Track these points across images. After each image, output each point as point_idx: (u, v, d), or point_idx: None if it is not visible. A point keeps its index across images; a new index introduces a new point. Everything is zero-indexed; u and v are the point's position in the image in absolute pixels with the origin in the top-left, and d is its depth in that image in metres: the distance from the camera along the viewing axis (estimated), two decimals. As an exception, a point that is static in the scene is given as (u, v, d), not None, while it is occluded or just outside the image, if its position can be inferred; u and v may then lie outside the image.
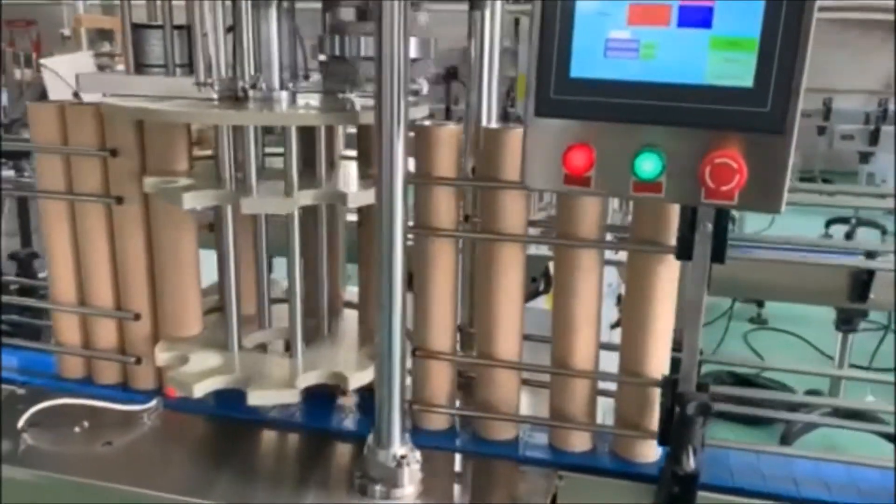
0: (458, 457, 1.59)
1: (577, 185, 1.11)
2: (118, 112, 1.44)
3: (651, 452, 1.53)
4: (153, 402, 1.71)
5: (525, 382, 1.66)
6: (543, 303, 3.68)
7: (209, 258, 1.76)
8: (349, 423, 1.70)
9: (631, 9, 1.04)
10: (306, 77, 1.77)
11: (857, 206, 4.45)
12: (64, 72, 4.54)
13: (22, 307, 1.93)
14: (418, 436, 1.55)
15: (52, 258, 1.76)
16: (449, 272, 1.57)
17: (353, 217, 1.85)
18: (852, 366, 4.33)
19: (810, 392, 4.12)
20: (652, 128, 1.07)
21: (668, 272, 1.40)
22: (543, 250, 2.40)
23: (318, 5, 1.65)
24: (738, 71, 1.02)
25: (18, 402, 1.72)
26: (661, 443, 1.45)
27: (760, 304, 5.78)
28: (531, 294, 3.13)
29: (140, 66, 1.61)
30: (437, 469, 1.52)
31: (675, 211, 1.28)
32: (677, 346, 1.45)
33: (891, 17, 11.90)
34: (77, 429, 1.63)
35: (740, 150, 1.03)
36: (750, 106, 1.02)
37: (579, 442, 1.58)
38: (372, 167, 1.39)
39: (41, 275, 2.10)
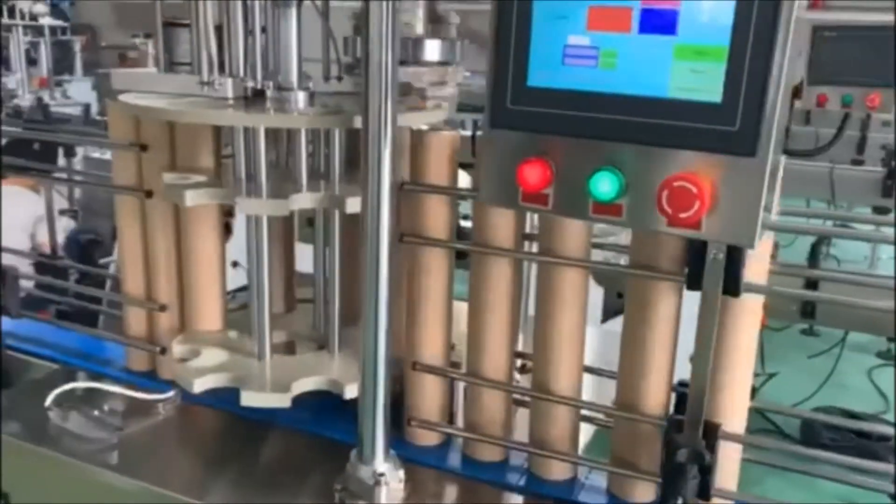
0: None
1: (533, 203, 1.02)
2: (126, 109, 1.46)
3: (647, 494, 1.40)
4: (171, 393, 1.74)
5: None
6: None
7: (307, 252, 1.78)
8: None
9: (591, 11, 0.93)
10: (339, 78, 1.76)
11: None
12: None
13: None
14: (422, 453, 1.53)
15: (119, 248, 1.83)
16: (443, 284, 1.50)
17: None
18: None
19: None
20: (610, 144, 0.96)
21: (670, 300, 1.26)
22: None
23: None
24: (705, 84, 0.89)
25: (55, 381, 1.81)
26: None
27: (892, 339, 5.27)
28: (617, 310, 2.98)
29: (171, 65, 1.65)
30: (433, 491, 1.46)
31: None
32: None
33: None
34: (96, 412, 1.69)
35: (704, 173, 0.90)
36: (717, 123, 0.90)
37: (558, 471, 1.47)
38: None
39: (102, 261, 2.20)
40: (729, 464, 1.32)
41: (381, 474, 1.38)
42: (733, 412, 1.29)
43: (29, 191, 3.65)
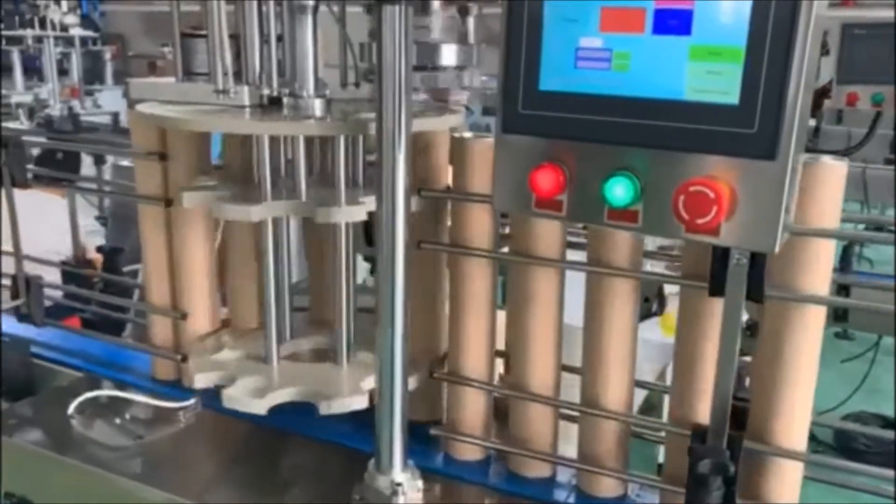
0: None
1: (547, 210, 1.00)
2: (142, 119, 1.47)
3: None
4: (191, 401, 1.74)
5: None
6: (657, 325, 3.46)
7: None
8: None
9: (603, 12, 0.91)
10: (356, 84, 1.76)
11: None
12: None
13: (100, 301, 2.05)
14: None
15: (144, 257, 1.83)
16: (486, 292, 1.47)
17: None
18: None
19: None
20: (624, 149, 0.93)
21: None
22: (659, 268, 2.22)
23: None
24: (722, 85, 0.86)
25: (78, 389, 1.82)
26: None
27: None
28: (644, 314, 2.95)
29: (188, 74, 1.66)
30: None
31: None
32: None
33: None
34: (118, 420, 1.70)
35: (722, 178, 0.88)
36: (734, 126, 0.87)
37: (605, 487, 1.45)
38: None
39: (126, 269, 2.22)
40: (788, 478, 1.28)
41: (399, 484, 1.36)
42: (793, 427, 1.25)
43: (60, 198, 3.71)
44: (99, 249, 2.20)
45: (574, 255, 1.39)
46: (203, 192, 1.50)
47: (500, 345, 1.54)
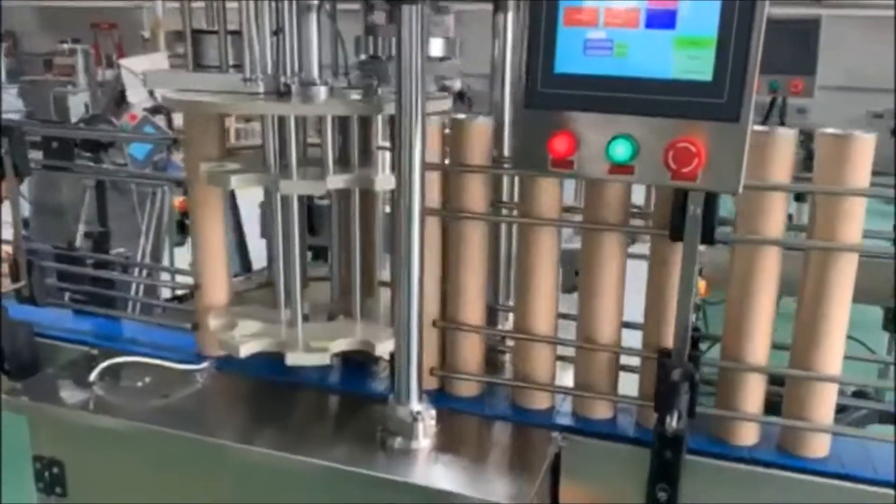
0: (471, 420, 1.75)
1: (561, 168, 1.27)
2: (172, 105, 1.64)
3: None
4: (206, 364, 1.92)
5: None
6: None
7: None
8: (379, 386, 1.87)
9: (606, 11, 1.19)
10: (346, 74, 1.97)
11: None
12: (141, 71, 4.89)
13: (94, 279, 2.18)
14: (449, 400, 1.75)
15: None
16: (479, 252, 1.70)
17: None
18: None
19: (857, 394, 4.09)
20: (624, 117, 1.21)
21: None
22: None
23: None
24: (699, 66, 1.16)
25: (91, 360, 1.95)
26: (656, 409, 1.58)
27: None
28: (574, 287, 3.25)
29: (198, 66, 1.84)
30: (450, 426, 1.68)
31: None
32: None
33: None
34: (139, 383, 1.85)
35: (700, 136, 1.17)
36: (709, 97, 1.16)
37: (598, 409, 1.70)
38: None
39: (115, 251, 2.35)
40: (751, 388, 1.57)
41: (418, 412, 1.60)
42: (758, 347, 1.54)
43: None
44: (87, 235, 2.32)
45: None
46: (251, 174, 1.69)
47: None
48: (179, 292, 2.71)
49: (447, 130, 1.65)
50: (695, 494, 1.55)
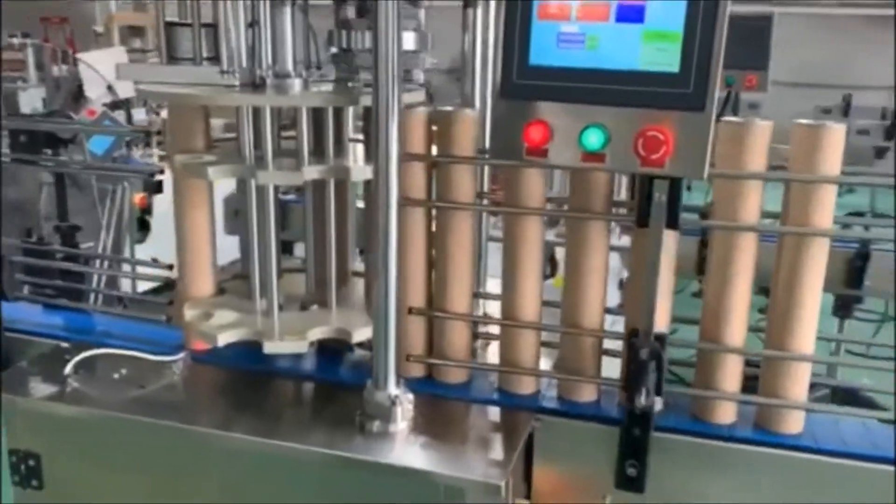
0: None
1: (536, 157, 1.32)
2: (151, 97, 1.66)
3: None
4: (181, 355, 1.94)
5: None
6: (551, 286, 3.88)
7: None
8: (354, 375, 1.90)
9: (579, 6, 1.24)
10: (318, 68, 2.00)
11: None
12: (100, 66, 4.83)
13: (64, 271, 2.17)
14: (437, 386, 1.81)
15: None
16: (467, 242, 1.75)
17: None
18: (849, 353, 4.45)
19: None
20: (596, 107, 1.27)
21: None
22: (550, 236, 2.57)
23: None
24: (667, 59, 1.22)
25: (64, 353, 1.95)
26: (624, 388, 1.64)
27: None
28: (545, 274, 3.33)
29: (172, 59, 1.85)
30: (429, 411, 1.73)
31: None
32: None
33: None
34: (115, 375, 1.86)
35: (668, 125, 1.23)
36: (676, 88, 1.23)
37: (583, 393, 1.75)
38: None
39: (84, 245, 2.35)
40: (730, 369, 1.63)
41: (396, 396, 1.65)
42: (735, 329, 1.60)
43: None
44: (57, 228, 2.32)
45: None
46: (228, 165, 1.71)
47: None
48: (150, 286, 2.70)
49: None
50: (676, 472, 1.62)
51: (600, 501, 1.69)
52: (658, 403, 1.64)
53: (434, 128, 1.69)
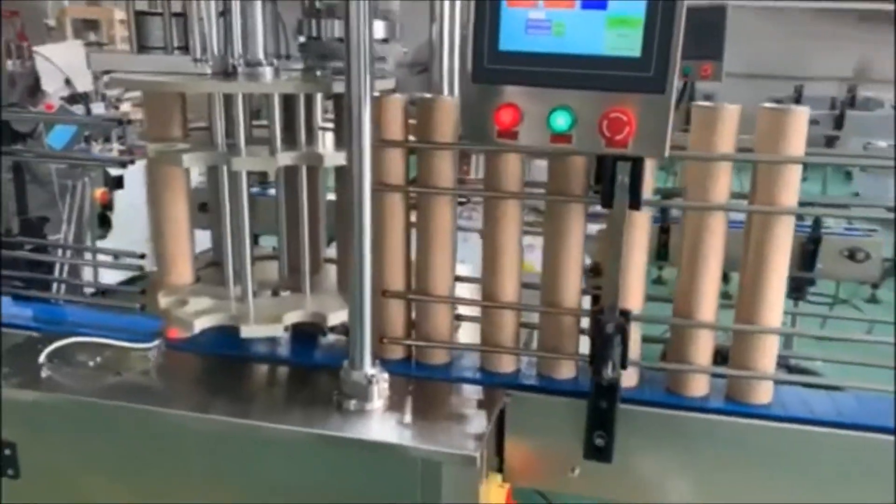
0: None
1: (506, 139, 1.38)
2: (125, 85, 1.68)
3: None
4: (157, 342, 1.95)
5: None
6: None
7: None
8: (328, 357, 1.94)
9: (546, -6, 1.31)
10: (287, 57, 2.03)
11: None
12: (57, 59, 4.77)
13: (32, 262, 2.17)
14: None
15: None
16: (448, 226, 1.80)
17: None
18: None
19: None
20: (563, 91, 1.33)
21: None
22: None
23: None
24: (629, 44, 1.28)
25: (37, 343, 1.96)
26: (591, 361, 1.71)
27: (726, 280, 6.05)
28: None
29: (142, 48, 1.87)
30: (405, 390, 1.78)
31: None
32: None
33: (862, 5, 12.24)
34: (91, 363, 1.88)
35: (630, 107, 1.30)
36: (637, 72, 1.29)
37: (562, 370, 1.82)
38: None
39: (52, 237, 2.34)
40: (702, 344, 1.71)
41: (372, 375, 1.69)
42: (707, 305, 1.69)
43: None
44: (24, 221, 2.31)
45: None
46: (202, 153, 1.74)
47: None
48: (120, 277, 2.70)
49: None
50: (649, 443, 1.70)
51: (569, 474, 1.77)
52: (633, 379, 1.72)
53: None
